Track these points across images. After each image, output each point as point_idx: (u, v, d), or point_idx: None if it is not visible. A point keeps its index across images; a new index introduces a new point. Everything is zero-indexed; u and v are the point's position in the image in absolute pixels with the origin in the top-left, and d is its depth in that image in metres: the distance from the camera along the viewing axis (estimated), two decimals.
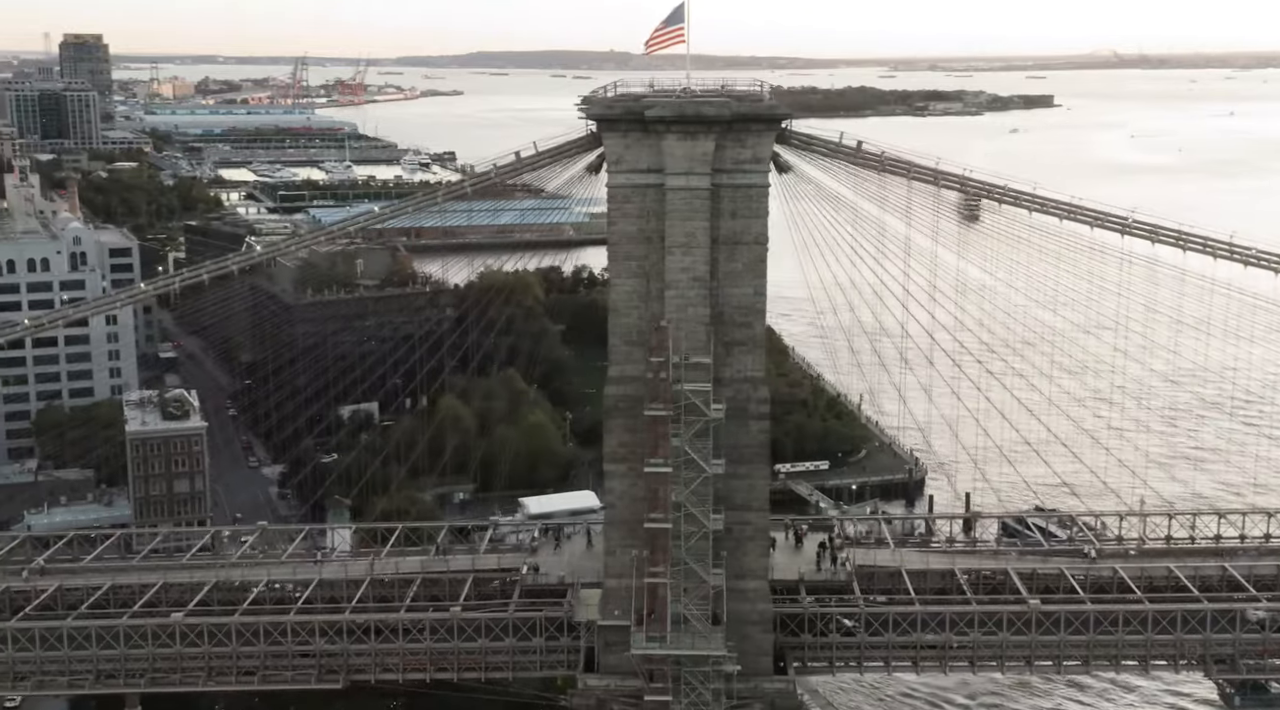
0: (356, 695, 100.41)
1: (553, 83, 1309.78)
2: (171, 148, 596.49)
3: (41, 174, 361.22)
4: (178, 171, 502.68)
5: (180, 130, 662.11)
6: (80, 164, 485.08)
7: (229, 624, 78.48)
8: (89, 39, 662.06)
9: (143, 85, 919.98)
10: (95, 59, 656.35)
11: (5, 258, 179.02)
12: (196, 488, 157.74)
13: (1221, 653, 78.39)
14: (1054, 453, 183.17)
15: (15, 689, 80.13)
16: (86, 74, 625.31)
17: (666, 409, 70.79)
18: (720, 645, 72.42)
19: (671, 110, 72.18)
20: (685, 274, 72.57)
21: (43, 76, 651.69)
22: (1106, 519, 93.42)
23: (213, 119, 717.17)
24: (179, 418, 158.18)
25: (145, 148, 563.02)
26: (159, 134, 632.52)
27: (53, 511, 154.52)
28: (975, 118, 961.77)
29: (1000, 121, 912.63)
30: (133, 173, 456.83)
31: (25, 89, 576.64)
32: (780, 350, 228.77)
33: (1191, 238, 79.18)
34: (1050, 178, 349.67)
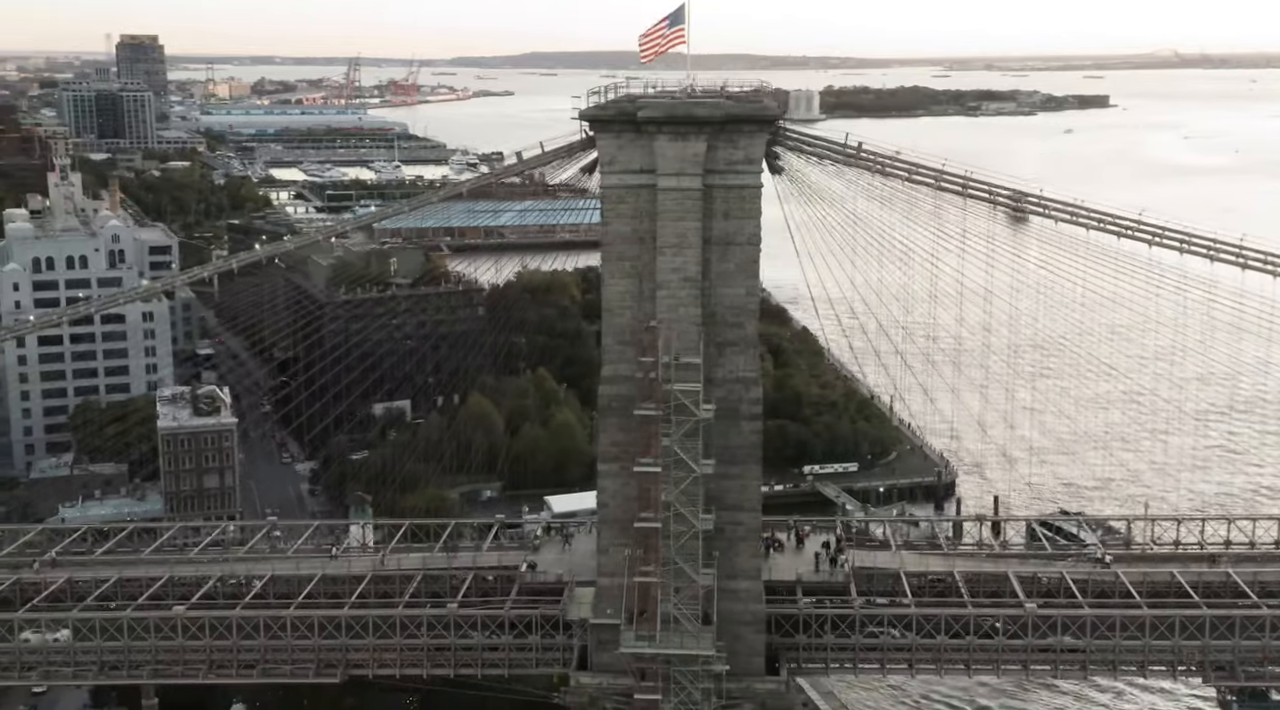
0: (372, 691, 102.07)
1: (603, 83, 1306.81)
2: (225, 147, 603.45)
3: (95, 173, 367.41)
4: (229, 171, 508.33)
5: (234, 130, 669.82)
6: (134, 163, 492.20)
7: (230, 618, 79.61)
8: (145, 40, 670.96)
9: (199, 86, 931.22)
10: (151, 60, 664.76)
11: (45, 255, 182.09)
12: (226, 483, 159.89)
13: (1220, 659, 77.54)
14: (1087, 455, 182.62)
15: (22, 679, 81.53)
16: (142, 75, 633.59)
17: (657, 409, 71.15)
18: (709, 645, 72.61)
19: (662, 111, 72.52)
20: (677, 274, 72.85)
21: (99, 77, 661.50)
22: (1127, 523, 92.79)
23: (266, 119, 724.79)
24: (210, 414, 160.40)
25: (199, 147, 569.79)
26: (213, 134, 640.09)
27: (86, 505, 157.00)
28: (1028, 118, 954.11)
29: (1054, 122, 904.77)
30: (184, 172, 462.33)
31: (82, 89, 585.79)
32: (815, 352, 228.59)
33: (1196, 240, 78.46)
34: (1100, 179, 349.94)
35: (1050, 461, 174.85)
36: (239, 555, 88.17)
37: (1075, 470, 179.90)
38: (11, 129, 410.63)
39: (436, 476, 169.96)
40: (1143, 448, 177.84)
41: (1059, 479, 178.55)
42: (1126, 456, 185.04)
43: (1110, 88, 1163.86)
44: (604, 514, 76.53)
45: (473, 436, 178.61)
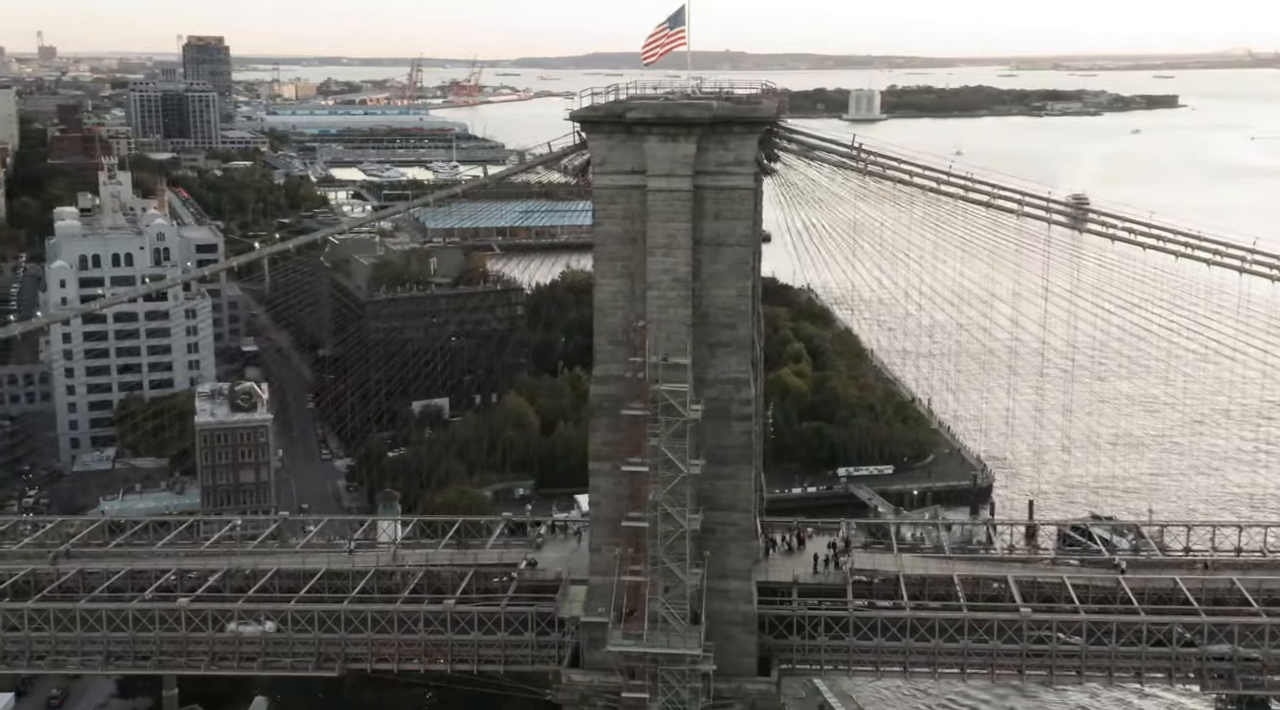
0: (390, 686, 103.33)
1: (666, 83, 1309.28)
2: (287, 147, 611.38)
3: (160, 172, 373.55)
4: (290, 171, 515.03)
5: (297, 130, 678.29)
6: (197, 163, 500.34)
7: (232, 610, 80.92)
8: (211, 41, 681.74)
9: (266, 87, 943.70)
10: (216, 61, 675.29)
11: (91, 252, 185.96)
12: (261, 478, 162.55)
13: (1219, 667, 76.58)
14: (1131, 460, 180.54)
15: (31, 667, 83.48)
16: (208, 75, 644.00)
17: (644, 409, 71.59)
18: (696, 644, 72.85)
19: (651, 112, 72.87)
20: (667, 275, 73.13)
21: (166, 78, 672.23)
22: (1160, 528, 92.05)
23: (329, 119, 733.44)
24: (247, 410, 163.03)
25: (262, 147, 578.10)
26: (277, 134, 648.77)
27: (127, 498, 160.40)
28: (1094, 118, 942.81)
29: (1120, 122, 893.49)
30: (246, 172, 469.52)
31: (149, 90, 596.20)
32: (856, 354, 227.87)
33: (1202, 243, 77.56)
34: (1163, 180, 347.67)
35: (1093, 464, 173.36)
36: (247, 549, 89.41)
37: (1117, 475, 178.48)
38: (74, 129, 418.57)
39: (470, 474, 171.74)
40: (1191, 453, 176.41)
41: (1099, 483, 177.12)
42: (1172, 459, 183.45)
43: (1180, 88, 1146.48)
44: (596, 513, 77.03)
45: (507, 435, 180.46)
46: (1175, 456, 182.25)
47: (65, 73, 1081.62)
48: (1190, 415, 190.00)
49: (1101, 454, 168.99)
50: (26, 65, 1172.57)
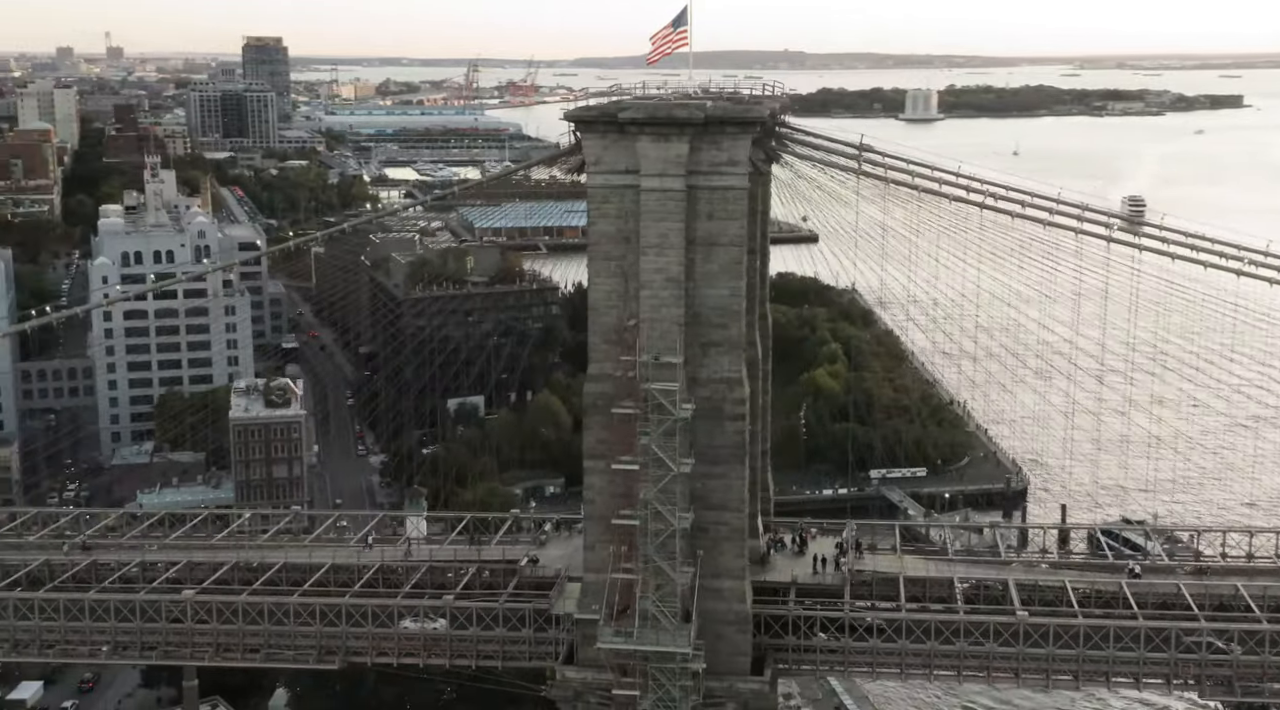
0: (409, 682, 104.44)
1: (724, 82, 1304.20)
2: (343, 147, 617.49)
3: (208, 170, 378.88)
4: (345, 170, 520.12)
5: (354, 130, 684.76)
6: (254, 162, 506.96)
7: (236, 603, 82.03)
8: (270, 42, 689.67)
9: (325, 87, 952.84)
10: (275, 61, 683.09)
11: (134, 249, 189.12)
12: (294, 473, 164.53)
13: (1218, 674, 75.70)
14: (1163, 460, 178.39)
15: (41, 656, 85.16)
16: (267, 76, 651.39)
17: (635, 407, 71.95)
18: (685, 642, 72.99)
19: (644, 112, 73.10)
20: (659, 275, 73.36)
21: (225, 78, 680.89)
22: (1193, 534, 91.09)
23: (386, 119, 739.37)
24: (281, 405, 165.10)
25: (318, 147, 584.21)
26: (333, 134, 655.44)
27: (164, 492, 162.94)
28: (1156, 118, 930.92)
29: (1183, 122, 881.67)
30: (301, 171, 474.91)
31: (209, 90, 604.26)
32: (895, 356, 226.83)
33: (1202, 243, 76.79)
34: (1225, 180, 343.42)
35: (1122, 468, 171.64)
36: (257, 542, 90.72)
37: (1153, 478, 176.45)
38: (129, 128, 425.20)
39: (501, 471, 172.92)
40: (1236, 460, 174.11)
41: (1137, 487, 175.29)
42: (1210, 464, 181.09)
43: (1246, 88, 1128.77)
44: (590, 511, 77.40)
45: (540, 433, 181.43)
46: (1212, 459, 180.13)
47: (131, 73, 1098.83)
48: (1235, 419, 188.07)
49: (1135, 456, 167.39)
50: (95, 66, 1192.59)
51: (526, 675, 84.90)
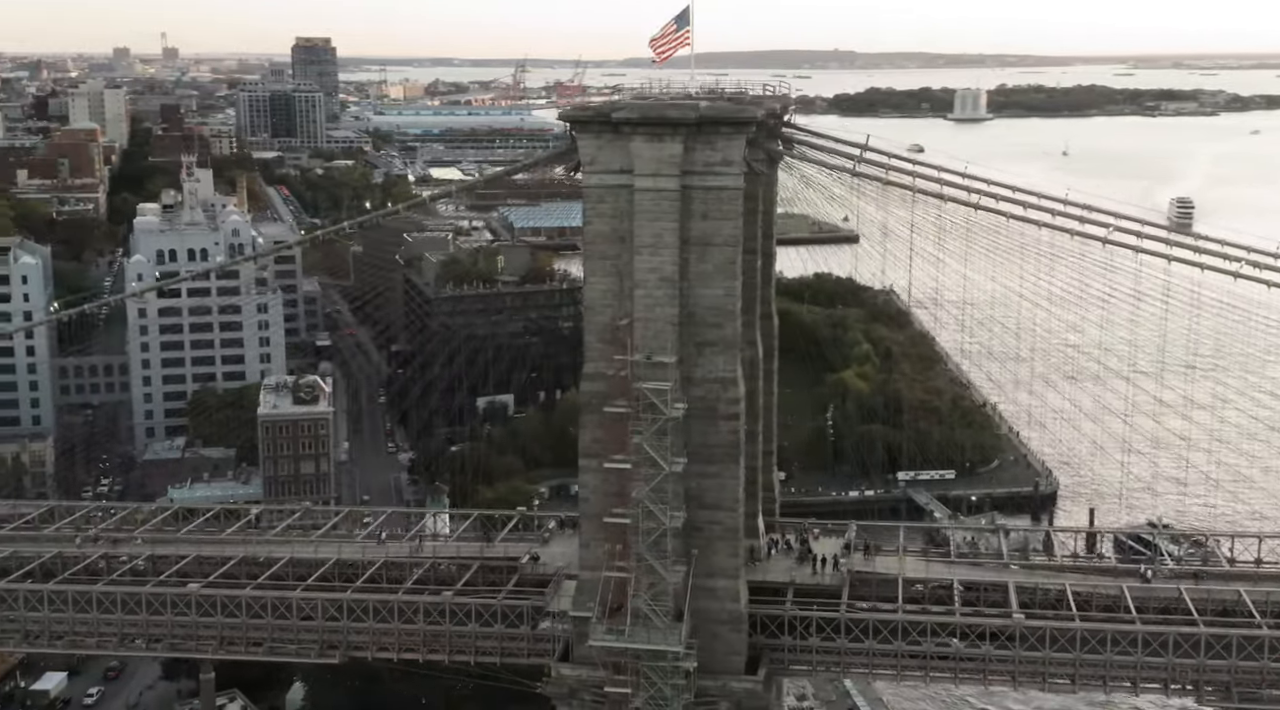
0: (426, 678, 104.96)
1: (772, 83, 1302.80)
2: (390, 147, 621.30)
3: (248, 169, 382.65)
4: (390, 169, 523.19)
5: (401, 130, 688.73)
6: (300, 161, 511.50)
7: (240, 597, 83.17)
8: (318, 43, 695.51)
9: (375, 87, 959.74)
10: (324, 62, 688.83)
11: (169, 247, 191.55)
12: (321, 469, 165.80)
13: (1216, 679, 75.07)
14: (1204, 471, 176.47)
15: (50, 646, 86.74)
16: (315, 76, 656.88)
17: (627, 406, 72.35)
18: (676, 641, 73.30)
19: (637, 113, 73.47)
20: (653, 274, 73.65)
21: (275, 78, 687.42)
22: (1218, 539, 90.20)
23: (432, 119, 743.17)
24: (308, 402, 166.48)
25: (365, 147, 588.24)
26: (380, 134, 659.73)
27: (194, 487, 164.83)
28: (1210, 118, 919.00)
29: (1238, 122, 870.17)
30: (346, 171, 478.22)
31: (258, 90, 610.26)
32: (928, 358, 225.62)
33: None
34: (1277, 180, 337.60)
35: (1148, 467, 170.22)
36: (266, 537, 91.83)
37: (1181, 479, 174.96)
38: (175, 127, 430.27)
39: (527, 469, 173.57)
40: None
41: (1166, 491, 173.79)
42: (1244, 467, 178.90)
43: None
44: (585, 509, 77.74)
45: (568, 431, 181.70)
46: (1246, 462, 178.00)
47: (185, 73, 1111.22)
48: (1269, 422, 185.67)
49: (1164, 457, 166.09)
50: (150, 66, 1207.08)
51: (517, 672, 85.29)
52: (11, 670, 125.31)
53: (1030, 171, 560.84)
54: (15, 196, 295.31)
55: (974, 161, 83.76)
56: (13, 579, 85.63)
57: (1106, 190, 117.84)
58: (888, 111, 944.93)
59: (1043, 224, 76.60)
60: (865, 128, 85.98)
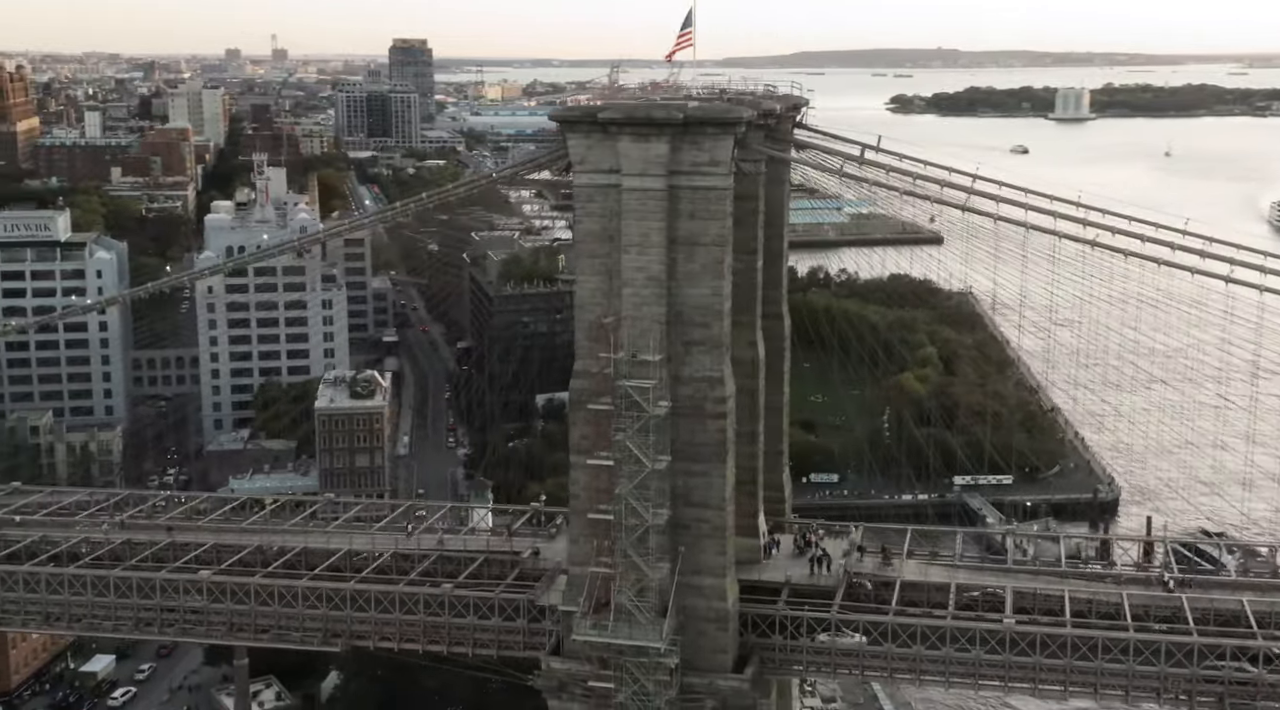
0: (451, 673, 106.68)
1: (872, 82, 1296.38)
2: (482, 147, 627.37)
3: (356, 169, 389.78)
4: (480, 169, 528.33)
5: (495, 130, 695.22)
6: (393, 161, 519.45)
7: (249, 584, 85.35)
8: (415, 43, 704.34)
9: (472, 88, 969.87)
10: (420, 63, 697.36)
11: (237, 243, 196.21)
12: (376, 463, 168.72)
13: (1209, 689, 73.73)
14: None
15: (70, 628, 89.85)
16: (412, 77, 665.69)
17: (609, 404, 73.13)
18: (658, 637, 73.81)
19: (623, 113, 74.23)
20: (640, 273, 74.22)
21: (371, 79, 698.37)
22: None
23: (526, 120, 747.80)
24: (364, 397, 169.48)
25: (458, 147, 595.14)
26: (474, 134, 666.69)
27: (255, 478, 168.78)
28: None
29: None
30: (437, 170, 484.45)
31: (355, 91, 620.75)
32: (998, 362, 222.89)
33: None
34: None
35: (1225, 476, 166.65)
36: (284, 527, 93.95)
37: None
38: (265, 127, 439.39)
39: None
40: None
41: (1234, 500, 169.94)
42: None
43: None
44: (574, 505, 78.41)
45: None
46: None
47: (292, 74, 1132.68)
48: None
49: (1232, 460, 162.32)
50: (260, 67, 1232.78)
51: (514, 665, 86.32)
52: (62, 652, 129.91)
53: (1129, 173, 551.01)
54: (108, 193, 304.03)
55: (1070, 163, 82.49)
56: (37, 562, 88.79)
57: (1208, 193, 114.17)
58: (987, 111, 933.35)
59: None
60: (963, 127, 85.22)
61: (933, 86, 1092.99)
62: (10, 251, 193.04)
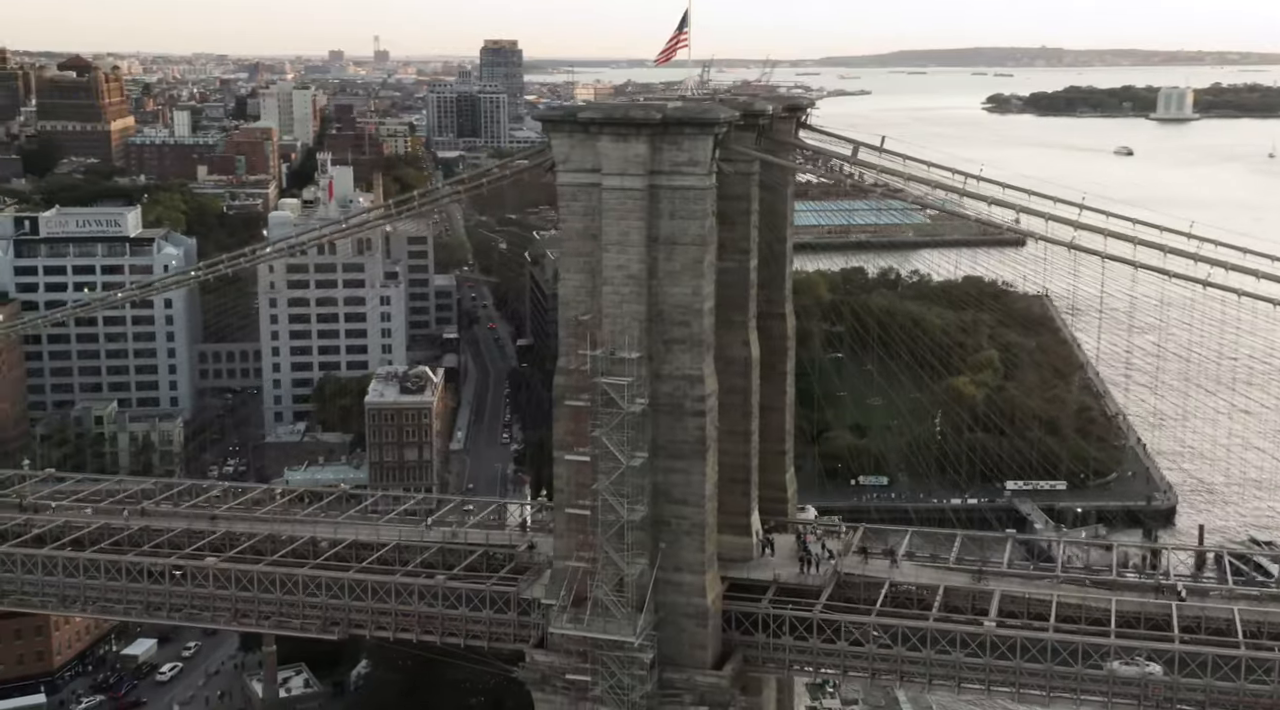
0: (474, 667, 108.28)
1: (971, 81, 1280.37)
2: None
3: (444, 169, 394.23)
4: None
5: None
6: (478, 161, 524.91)
7: (253, 572, 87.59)
8: (505, 44, 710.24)
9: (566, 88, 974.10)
10: (510, 64, 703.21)
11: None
12: (424, 457, 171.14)
13: (1191, 698, 72.60)
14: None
15: (84, 611, 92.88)
16: (501, 77, 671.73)
17: (586, 400, 73.99)
18: (632, 631, 74.46)
19: (602, 113, 75.00)
20: (620, 271, 74.93)
21: (462, 80, 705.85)
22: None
23: None
24: (414, 392, 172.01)
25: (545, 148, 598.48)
26: None
27: (310, 469, 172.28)
28: None
29: None
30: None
31: (445, 92, 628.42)
32: (1059, 366, 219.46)
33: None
34: None
35: None
36: (297, 517, 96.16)
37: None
38: (348, 127, 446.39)
39: None
40: None
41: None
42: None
43: None
44: (558, 500, 79.36)
45: None
46: None
47: (391, 75, 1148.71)
48: None
49: None
50: (361, 68, 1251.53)
51: (503, 656, 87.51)
52: (106, 635, 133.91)
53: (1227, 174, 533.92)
54: (192, 191, 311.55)
55: (1168, 164, 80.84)
56: (56, 546, 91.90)
57: None
58: (1086, 111, 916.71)
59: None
60: (1060, 128, 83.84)
61: (1033, 85, 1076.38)
62: (82, 246, 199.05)
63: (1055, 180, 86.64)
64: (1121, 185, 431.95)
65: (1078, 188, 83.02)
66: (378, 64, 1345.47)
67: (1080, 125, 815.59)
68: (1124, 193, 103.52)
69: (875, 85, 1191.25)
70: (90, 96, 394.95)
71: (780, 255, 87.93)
